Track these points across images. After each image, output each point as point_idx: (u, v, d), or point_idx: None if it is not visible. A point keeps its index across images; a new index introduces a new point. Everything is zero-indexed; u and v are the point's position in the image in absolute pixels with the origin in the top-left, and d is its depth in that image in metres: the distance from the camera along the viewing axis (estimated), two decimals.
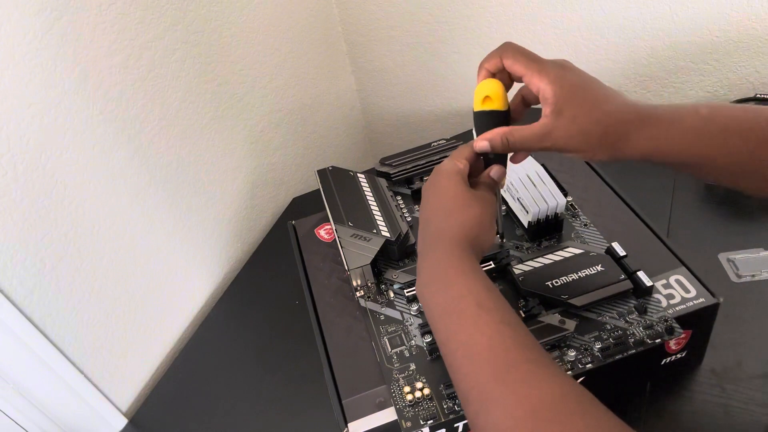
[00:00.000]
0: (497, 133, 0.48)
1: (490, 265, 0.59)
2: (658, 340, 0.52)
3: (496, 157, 0.52)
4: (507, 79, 0.50)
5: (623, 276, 0.55)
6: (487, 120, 0.49)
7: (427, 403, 0.51)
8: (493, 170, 0.52)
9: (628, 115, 0.46)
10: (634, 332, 0.52)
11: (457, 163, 0.50)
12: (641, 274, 0.55)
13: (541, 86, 0.46)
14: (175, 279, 0.80)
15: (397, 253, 0.63)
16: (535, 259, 0.58)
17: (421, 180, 0.72)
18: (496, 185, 0.52)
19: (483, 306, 0.42)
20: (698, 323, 0.55)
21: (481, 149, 0.50)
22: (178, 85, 0.76)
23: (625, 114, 0.46)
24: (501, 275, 0.59)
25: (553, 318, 0.54)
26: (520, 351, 0.40)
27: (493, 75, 0.49)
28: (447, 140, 0.76)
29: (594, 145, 0.46)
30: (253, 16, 0.88)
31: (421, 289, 0.46)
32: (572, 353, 0.52)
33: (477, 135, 0.51)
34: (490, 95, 0.49)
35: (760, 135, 0.45)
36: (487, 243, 0.49)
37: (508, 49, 0.48)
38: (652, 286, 0.54)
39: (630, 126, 0.46)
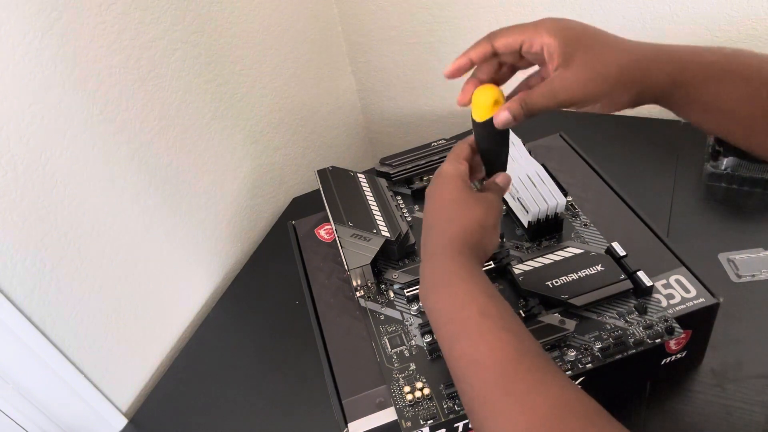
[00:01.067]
0: (515, 102, 0.46)
1: (490, 265, 0.59)
2: (658, 340, 0.52)
3: (495, 155, 0.51)
4: (494, 69, 0.49)
5: (623, 276, 0.55)
6: (489, 126, 0.48)
7: (427, 403, 0.51)
8: (499, 178, 0.51)
9: (648, 50, 0.44)
10: (634, 332, 0.52)
11: (458, 165, 0.49)
12: (641, 274, 0.55)
13: (544, 42, 0.44)
14: (175, 279, 0.80)
15: (397, 253, 0.63)
16: (535, 259, 0.58)
17: (421, 180, 0.72)
18: (502, 192, 0.51)
19: (485, 313, 0.41)
20: (698, 323, 0.55)
21: (505, 123, 0.47)
22: (178, 85, 0.76)
23: (644, 48, 0.44)
24: (501, 275, 0.59)
25: (553, 318, 0.54)
26: (524, 359, 0.39)
27: (472, 66, 0.48)
28: (447, 140, 0.76)
29: (613, 88, 0.43)
30: (253, 16, 0.88)
31: (423, 296, 0.46)
32: (572, 353, 0.52)
33: (477, 140, 0.51)
34: (498, 99, 0.47)
35: None
36: (490, 246, 0.48)
37: (494, 32, 0.47)
38: (652, 286, 0.54)
39: (652, 59, 0.43)
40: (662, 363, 0.57)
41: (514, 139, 0.70)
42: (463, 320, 0.42)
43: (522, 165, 0.65)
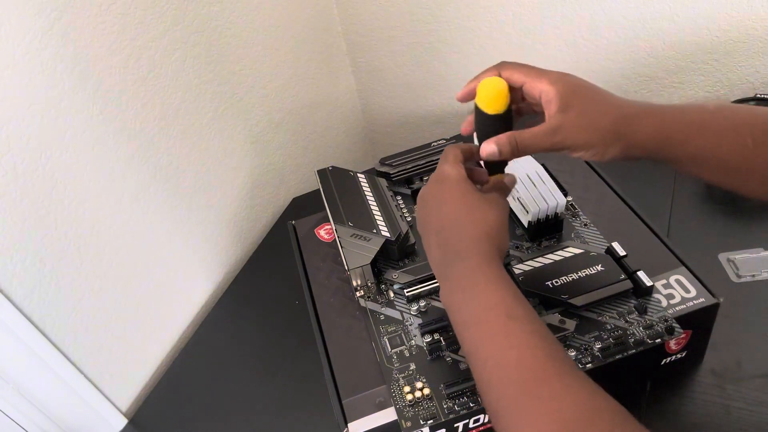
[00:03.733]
0: (504, 137, 0.47)
1: None
2: (658, 340, 0.52)
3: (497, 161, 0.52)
4: None
5: (623, 276, 0.55)
6: (494, 121, 0.49)
7: (427, 403, 0.51)
8: (507, 178, 0.52)
9: (636, 107, 0.47)
10: (634, 332, 0.52)
11: (459, 168, 0.50)
12: (641, 274, 0.55)
13: (544, 88, 0.46)
14: (175, 279, 0.80)
15: (397, 253, 0.63)
16: (535, 259, 0.58)
17: (421, 180, 0.72)
18: (508, 191, 0.52)
19: (512, 316, 0.41)
20: (698, 323, 0.55)
21: (489, 155, 0.48)
22: (178, 85, 0.76)
23: (632, 106, 0.47)
24: None
25: (553, 318, 0.54)
26: (551, 363, 0.39)
27: None
28: (447, 140, 0.76)
29: (604, 138, 0.46)
30: (253, 16, 0.88)
31: (447, 298, 0.46)
32: (572, 353, 0.52)
33: (478, 134, 0.51)
34: (501, 92, 0.48)
35: (767, 132, 0.45)
36: (506, 246, 0.49)
37: (505, 63, 0.49)
38: (652, 286, 0.54)
39: (639, 116, 0.46)
40: (662, 363, 0.57)
41: None
42: (489, 323, 0.42)
43: (522, 165, 0.65)
